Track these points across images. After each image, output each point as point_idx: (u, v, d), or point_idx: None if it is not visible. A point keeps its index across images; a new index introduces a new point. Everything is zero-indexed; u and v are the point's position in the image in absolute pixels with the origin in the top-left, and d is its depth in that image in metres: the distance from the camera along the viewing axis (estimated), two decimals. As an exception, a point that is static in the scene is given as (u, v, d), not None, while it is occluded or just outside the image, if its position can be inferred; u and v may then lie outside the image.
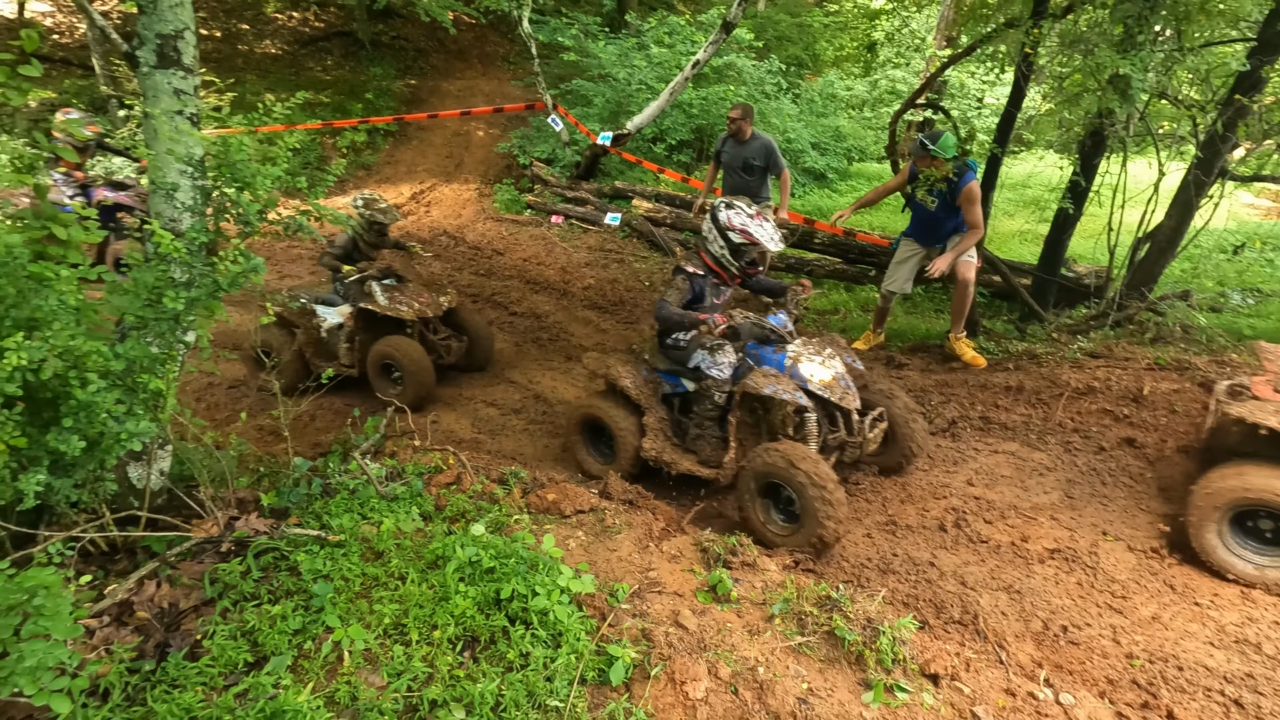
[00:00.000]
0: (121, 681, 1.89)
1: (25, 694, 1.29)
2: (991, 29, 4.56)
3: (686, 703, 1.94)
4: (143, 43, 2.75)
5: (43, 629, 1.34)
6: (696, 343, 3.68)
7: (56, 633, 1.35)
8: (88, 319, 2.22)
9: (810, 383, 3.41)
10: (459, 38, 14.85)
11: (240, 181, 2.25)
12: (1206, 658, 2.50)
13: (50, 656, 1.34)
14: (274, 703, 1.82)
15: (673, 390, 3.86)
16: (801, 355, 3.51)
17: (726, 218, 3.58)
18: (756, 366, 3.54)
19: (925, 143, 4.28)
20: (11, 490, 1.90)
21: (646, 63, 10.32)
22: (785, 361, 3.50)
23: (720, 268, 3.67)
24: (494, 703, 1.88)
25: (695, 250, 3.76)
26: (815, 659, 2.18)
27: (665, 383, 3.86)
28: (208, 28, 13.96)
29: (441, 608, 2.19)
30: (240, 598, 2.25)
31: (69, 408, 2.00)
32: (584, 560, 2.54)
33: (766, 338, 3.65)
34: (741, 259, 3.65)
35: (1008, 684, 2.18)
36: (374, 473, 2.93)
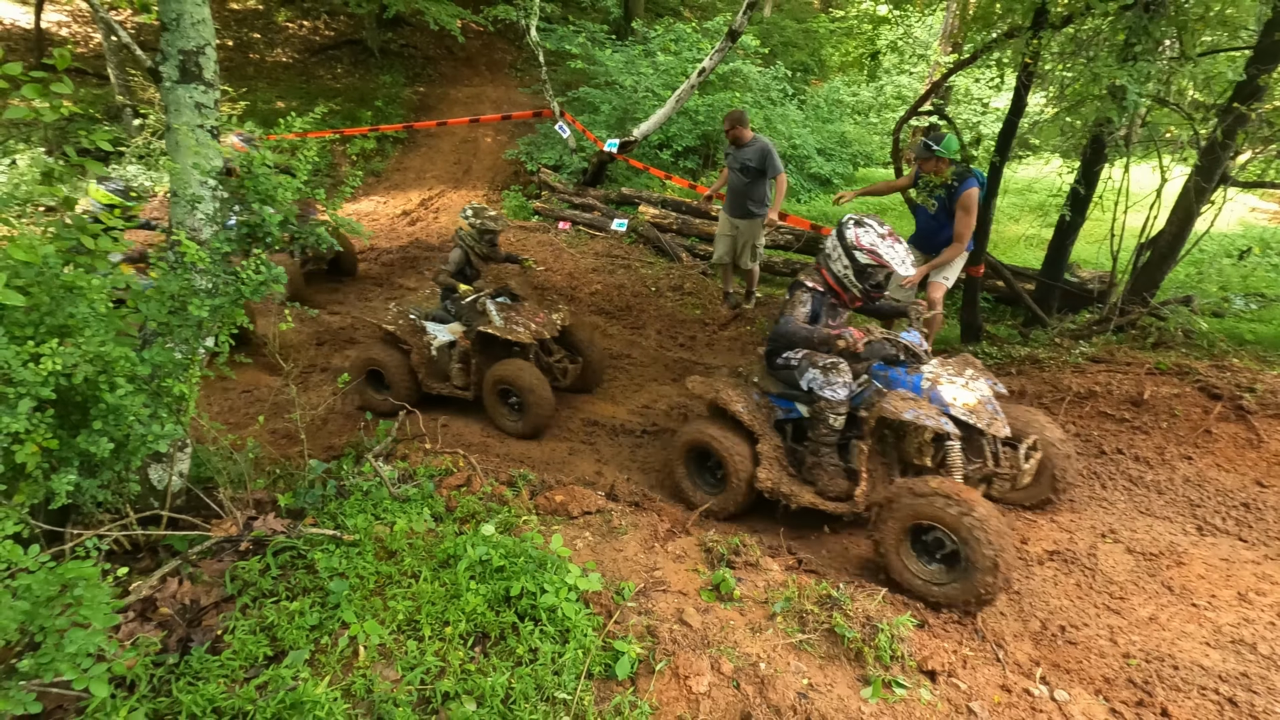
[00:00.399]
0: (147, 674, 1.97)
1: (66, 678, 1.37)
2: (993, 38, 4.62)
3: (690, 697, 2.01)
4: (166, 58, 2.85)
5: (83, 618, 1.43)
6: (808, 361, 3.40)
7: (96, 621, 1.43)
8: (114, 325, 2.32)
9: (953, 407, 3.06)
10: (467, 45, 15.01)
11: (262, 194, 2.34)
12: (1202, 657, 2.54)
13: (90, 643, 1.43)
14: (294, 694, 1.89)
15: (785, 415, 3.56)
16: (940, 376, 3.18)
17: (854, 235, 3.29)
18: (886, 388, 3.23)
19: (929, 144, 4.35)
20: (44, 489, 1.98)
21: (653, 70, 10.42)
22: (922, 383, 3.17)
23: (841, 288, 3.40)
24: (504, 695, 1.95)
25: (815, 266, 3.49)
26: (816, 656, 2.24)
27: (777, 407, 3.57)
28: (220, 37, 14.15)
29: (453, 605, 2.26)
30: (259, 594, 2.33)
31: (98, 411, 2.09)
32: (591, 560, 2.61)
33: (895, 357, 3.35)
34: (866, 281, 3.35)
35: (1004, 681, 2.24)
36: (386, 475, 3.01)
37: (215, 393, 5.17)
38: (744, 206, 6.14)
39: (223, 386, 5.22)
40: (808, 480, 3.39)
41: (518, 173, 11.23)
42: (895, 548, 2.80)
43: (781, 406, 3.57)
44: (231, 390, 5.23)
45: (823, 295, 3.43)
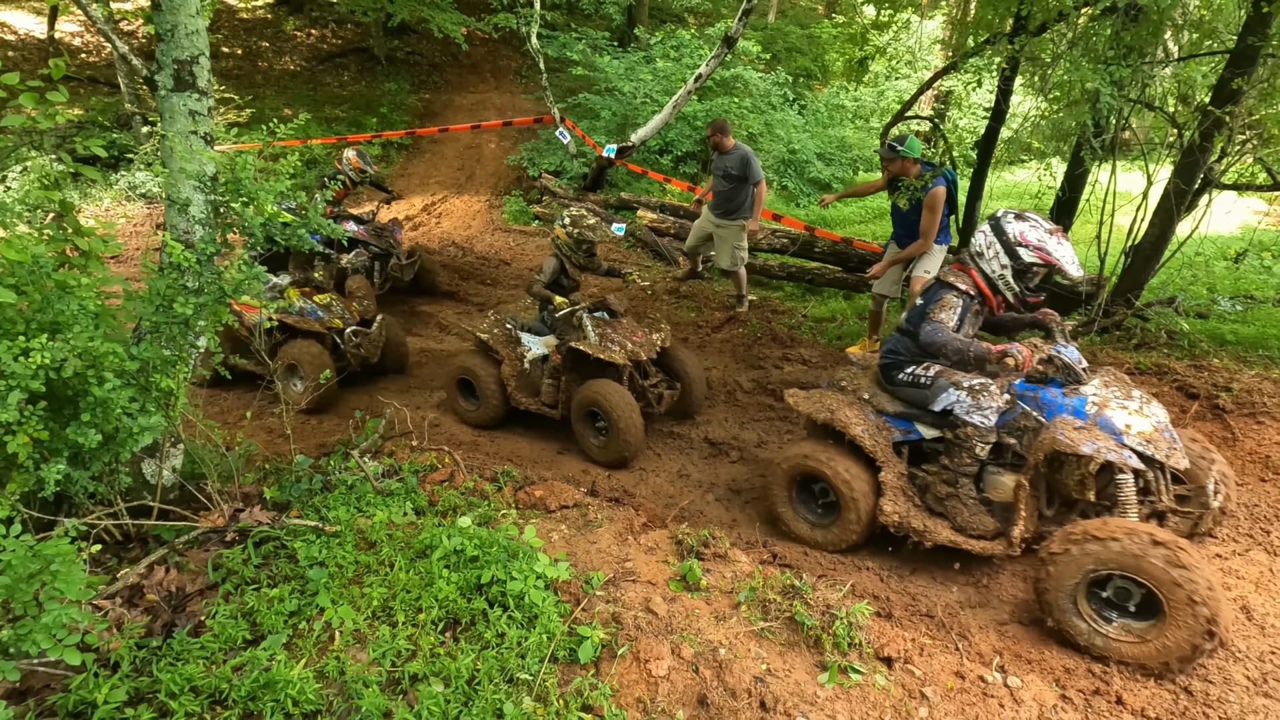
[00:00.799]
0: (130, 655, 2.06)
1: (43, 647, 1.47)
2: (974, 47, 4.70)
3: (649, 679, 2.08)
4: (161, 67, 2.97)
5: (58, 592, 1.52)
6: (947, 380, 2.99)
7: (70, 594, 1.52)
8: (106, 323, 2.42)
9: (1127, 435, 2.69)
10: (472, 53, 15.19)
11: (245, 196, 2.44)
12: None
13: (65, 616, 1.52)
14: (267, 674, 1.98)
15: (904, 438, 3.19)
16: (1109, 400, 2.79)
17: (1017, 231, 2.94)
18: (1038, 412, 2.87)
19: (893, 145, 4.47)
20: (34, 478, 2.08)
21: (652, 76, 10.54)
22: (1086, 407, 2.79)
23: (991, 291, 3.05)
24: (469, 676, 2.03)
25: (962, 267, 3.12)
26: (776, 643, 2.31)
27: (894, 428, 3.20)
28: (229, 45, 14.41)
29: (427, 592, 2.35)
30: (241, 582, 2.42)
31: (87, 404, 2.19)
32: (565, 551, 2.69)
33: (1043, 376, 2.95)
34: (1025, 283, 3.01)
35: (959, 668, 2.30)
36: (371, 470, 3.10)
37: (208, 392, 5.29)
38: (725, 209, 6.34)
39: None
40: (939, 514, 3.00)
41: (520, 178, 11.35)
42: (1073, 598, 2.47)
43: (899, 427, 3.20)
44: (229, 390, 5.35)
45: (971, 300, 3.05)
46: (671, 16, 17.01)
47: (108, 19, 9.11)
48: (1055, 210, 5.48)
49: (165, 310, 2.37)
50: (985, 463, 2.99)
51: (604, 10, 14.08)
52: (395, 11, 11.92)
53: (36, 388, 2.01)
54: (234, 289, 2.41)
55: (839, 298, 7.35)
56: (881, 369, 3.30)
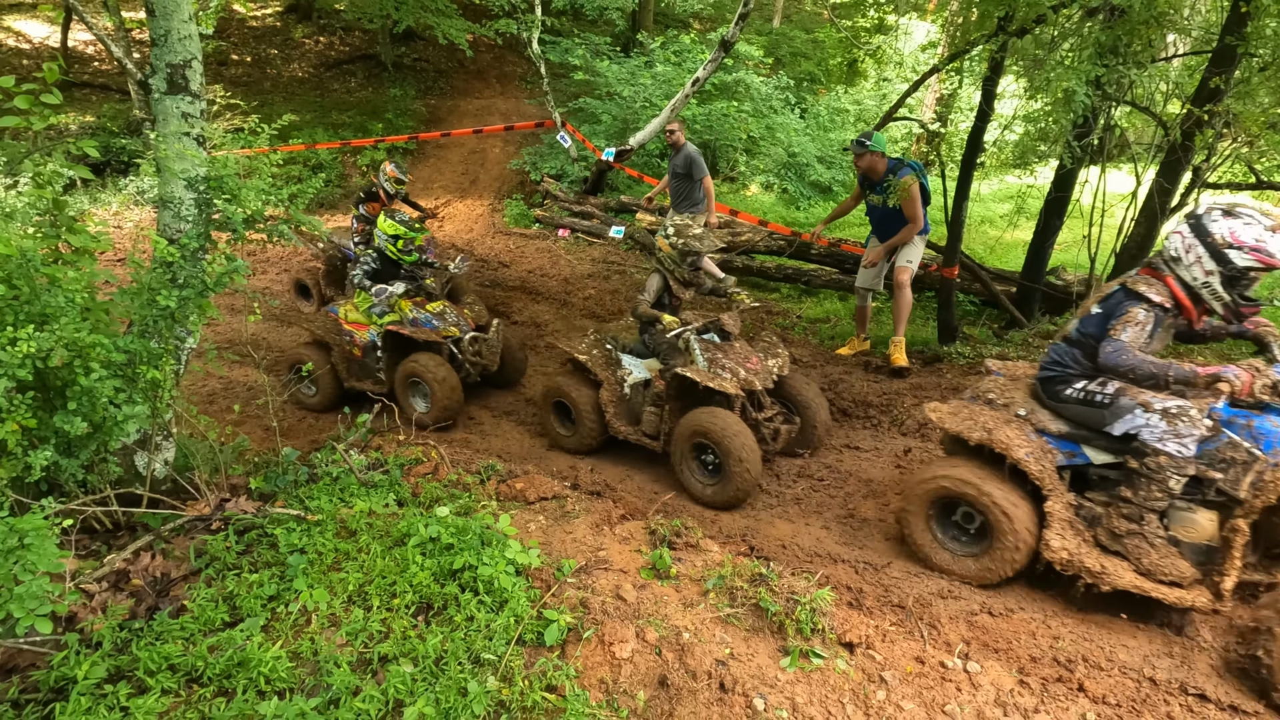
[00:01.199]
0: (113, 635, 2.14)
1: (15, 615, 1.54)
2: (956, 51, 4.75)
3: (613, 661, 2.13)
4: (155, 71, 3.07)
5: (31, 564, 1.59)
6: (1133, 400, 2.61)
7: (41, 565, 1.59)
8: (96, 317, 2.51)
9: None
10: (478, 58, 15.34)
11: (228, 194, 2.52)
12: (1129, 639, 2.61)
13: (38, 587, 1.59)
14: (242, 653, 2.05)
15: (1068, 462, 2.84)
16: None
17: (1226, 231, 2.53)
18: (1258, 444, 2.48)
19: (862, 140, 4.58)
20: (21, 464, 2.17)
21: (652, 81, 10.62)
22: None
23: (1192, 301, 2.65)
24: (436, 657, 2.09)
25: (1155, 273, 2.71)
26: (741, 629, 2.35)
27: (1056, 451, 2.84)
28: (239, 53, 14.63)
29: (401, 578, 2.41)
30: (223, 567, 2.50)
31: (74, 393, 2.28)
32: (540, 540, 2.75)
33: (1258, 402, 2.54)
34: (1238, 291, 2.58)
35: (921, 654, 2.33)
36: (355, 463, 3.17)
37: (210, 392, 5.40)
38: (677, 205, 6.74)
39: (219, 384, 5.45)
40: (1115, 552, 2.67)
41: (523, 182, 11.46)
42: None
43: (1063, 450, 2.84)
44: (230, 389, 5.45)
45: (1165, 313, 2.66)
46: (676, 21, 17.12)
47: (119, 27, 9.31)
48: (1045, 211, 5.50)
49: (150, 304, 2.45)
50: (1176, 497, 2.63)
51: (607, 16, 14.20)
52: (401, 18, 12.07)
53: (24, 376, 2.09)
54: (215, 283, 2.49)
55: (834, 299, 7.39)
56: (1043, 382, 2.94)
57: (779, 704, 2.05)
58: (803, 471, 4.05)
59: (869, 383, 4.99)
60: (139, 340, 2.48)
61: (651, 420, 4.07)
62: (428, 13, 12.39)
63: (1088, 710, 2.16)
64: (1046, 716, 2.12)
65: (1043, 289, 5.81)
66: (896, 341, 5.22)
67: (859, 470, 4.08)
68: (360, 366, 5.21)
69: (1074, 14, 3.70)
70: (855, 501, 3.77)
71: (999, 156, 12.68)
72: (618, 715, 2.00)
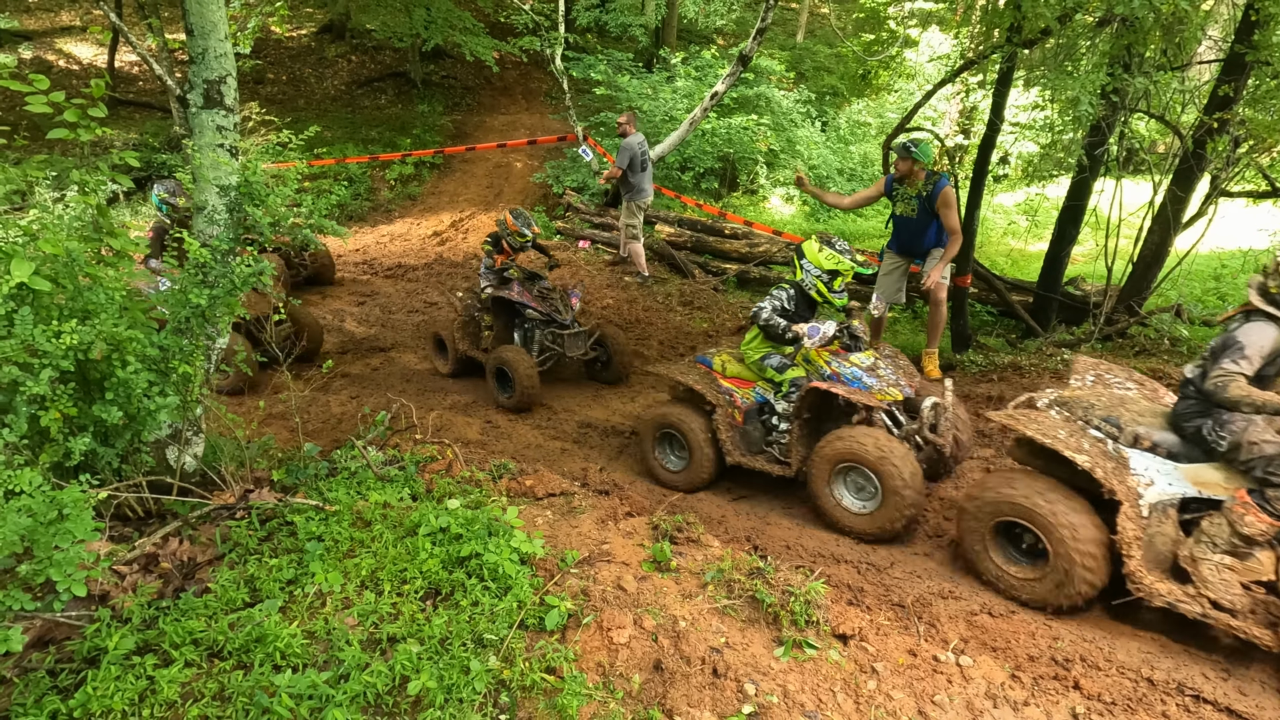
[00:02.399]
0: (141, 612, 2.27)
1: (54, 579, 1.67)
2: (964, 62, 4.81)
3: (610, 646, 2.21)
4: (192, 87, 3.26)
5: (69, 532, 1.73)
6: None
7: (78, 533, 1.73)
8: (133, 314, 2.67)
9: None
10: (504, 75, 15.69)
11: (257, 199, 2.68)
12: (1130, 641, 2.62)
13: (75, 555, 1.72)
14: (260, 629, 2.17)
15: None
16: None
17: None
18: None
19: (909, 146, 4.58)
20: (62, 449, 2.32)
21: (673, 95, 10.79)
22: None
23: None
24: (442, 637, 2.19)
25: None
26: (738, 620, 2.42)
27: None
28: (274, 72, 15.15)
29: (412, 565, 2.52)
30: (245, 553, 2.63)
31: (111, 384, 2.43)
32: (546, 533, 2.84)
33: None
34: None
35: (914, 647, 2.37)
36: (373, 459, 3.30)
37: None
38: (627, 194, 8.02)
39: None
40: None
41: (546, 195, 11.68)
42: None
43: None
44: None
45: None
46: (699, 38, 17.32)
47: (160, 47, 9.73)
48: (1061, 220, 5.50)
49: (184, 302, 2.61)
50: None
51: (630, 33, 14.45)
52: (430, 37, 12.42)
53: (66, 366, 2.25)
54: (243, 283, 2.65)
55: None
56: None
57: (770, 690, 2.11)
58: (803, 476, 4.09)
59: (880, 390, 5.01)
60: (172, 337, 2.64)
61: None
62: (455, 31, 12.74)
63: (1078, 704, 2.18)
64: (1036, 709, 2.15)
65: (1059, 299, 5.80)
66: (930, 353, 5.23)
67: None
68: (744, 437, 4.02)
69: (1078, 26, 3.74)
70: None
71: (1023, 168, 12.62)
72: (613, 696, 2.07)
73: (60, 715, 1.92)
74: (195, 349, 2.76)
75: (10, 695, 1.98)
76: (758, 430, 3.98)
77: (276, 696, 1.93)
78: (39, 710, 1.90)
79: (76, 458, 2.31)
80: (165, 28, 11.55)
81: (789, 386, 3.85)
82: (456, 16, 12.99)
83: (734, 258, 8.79)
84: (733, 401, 4.00)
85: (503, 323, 5.82)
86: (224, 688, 2.03)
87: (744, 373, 4.06)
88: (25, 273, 2.11)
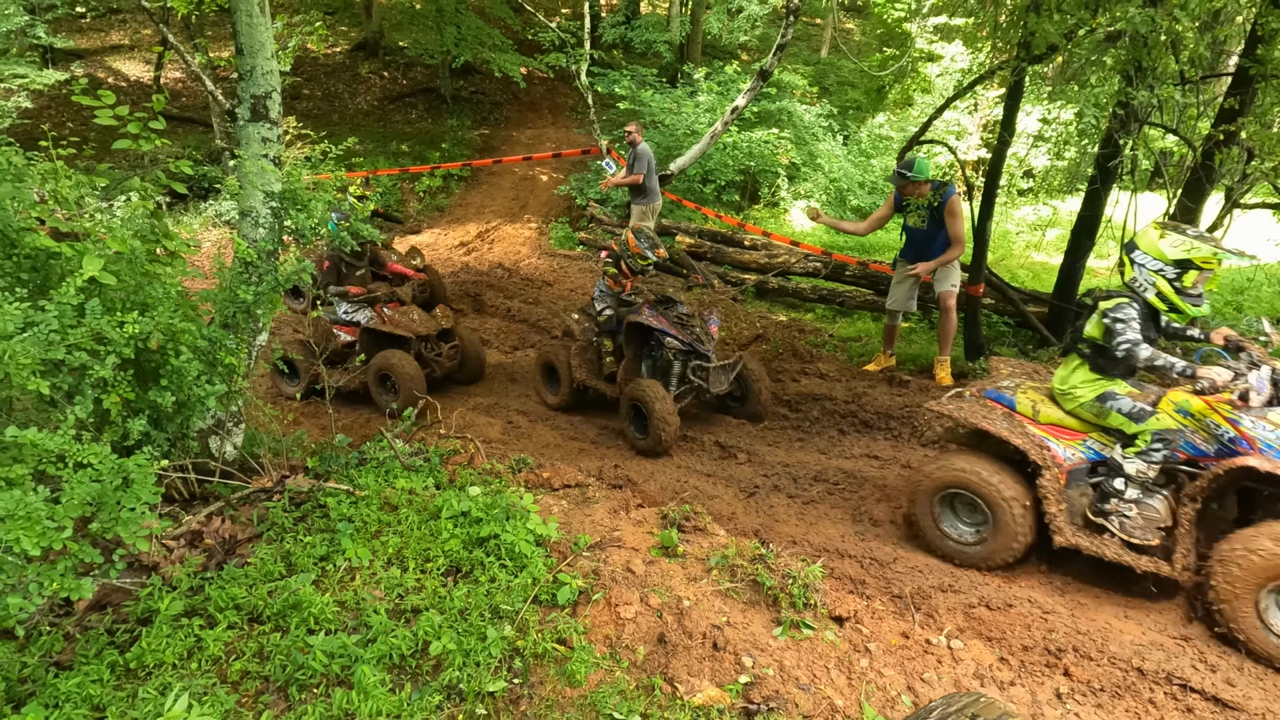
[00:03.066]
0: (189, 580, 2.48)
1: (120, 534, 1.88)
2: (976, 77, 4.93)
3: (618, 621, 2.36)
4: (241, 102, 3.51)
5: (135, 495, 1.93)
6: None
7: (143, 495, 1.93)
8: (185, 309, 2.91)
9: None
10: (531, 90, 16.07)
11: (299, 204, 2.91)
12: (1119, 634, 2.70)
13: (140, 514, 1.93)
14: (295, 597, 2.36)
15: None
16: None
17: None
18: None
19: (903, 171, 4.72)
20: (121, 430, 2.54)
21: (695, 109, 11.01)
22: None
23: None
24: (461, 608, 2.36)
25: None
26: (740, 601, 2.55)
27: None
28: (309, 88, 15.69)
29: (434, 544, 2.70)
30: (281, 531, 2.83)
31: (166, 372, 2.66)
32: (561, 521, 3.00)
33: None
34: None
35: (907, 630, 2.49)
36: (400, 449, 3.50)
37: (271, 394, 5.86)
38: (630, 193, 8.62)
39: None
40: None
41: (570, 207, 11.94)
42: None
43: None
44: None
45: None
46: (724, 53, 17.58)
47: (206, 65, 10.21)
48: (1075, 231, 5.57)
49: (231, 299, 2.84)
50: None
51: (655, 49, 14.74)
52: (458, 53, 12.82)
53: (128, 354, 2.48)
54: (285, 280, 2.87)
55: (868, 319, 7.51)
56: None
57: (767, 664, 2.24)
58: (819, 476, 4.21)
59: (891, 396, 5.11)
60: (220, 330, 2.86)
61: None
62: (485, 48, 13.14)
63: (1062, 685, 2.28)
64: (1022, 689, 2.25)
65: (1075, 309, 5.84)
66: (941, 361, 5.33)
67: (876, 477, 4.22)
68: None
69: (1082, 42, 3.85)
70: (869, 505, 3.91)
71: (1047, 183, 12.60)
72: (619, 665, 2.22)
73: (118, 666, 2.12)
74: (241, 343, 2.98)
75: (74, 649, 2.19)
76: (1088, 497, 3.10)
77: (311, 654, 2.11)
78: (99, 661, 2.11)
79: (134, 438, 2.52)
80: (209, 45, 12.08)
81: (1150, 441, 2.93)
82: (486, 34, 13.40)
83: (753, 268, 8.93)
84: (1053, 459, 3.07)
85: (633, 351, 5.14)
86: (263, 647, 2.22)
87: (1069, 420, 3.18)
88: (95, 268, 2.34)
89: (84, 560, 1.87)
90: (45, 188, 2.92)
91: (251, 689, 2.10)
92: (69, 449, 1.97)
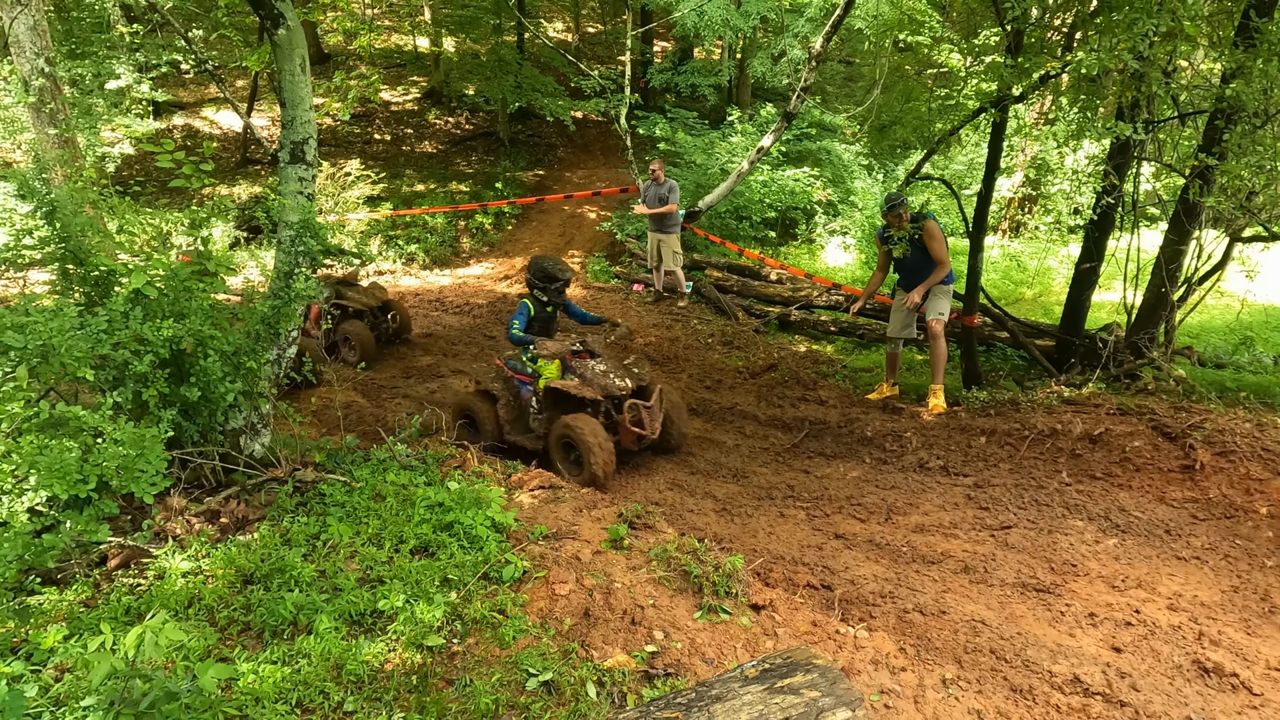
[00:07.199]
0: (200, 547, 2.92)
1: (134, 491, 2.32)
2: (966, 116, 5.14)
3: (553, 597, 2.66)
4: (282, 147, 4.09)
5: (147, 459, 2.38)
6: None
7: (152, 460, 2.37)
8: (218, 319, 3.42)
9: None
10: (584, 133, 16.91)
11: (313, 233, 3.41)
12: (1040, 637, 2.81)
13: (151, 475, 2.38)
14: (282, 562, 2.76)
15: None
16: None
17: None
18: None
19: (895, 206, 4.97)
20: (155, 418, 3.04)
21: (729, 150, 11.43)
22: None
23: None
24: (416, 578, 2.70)
25: None
26: (670, 588, 2.81)
27: None
28: (380, 133, 16.94)
29: (408, 528, 3.07)
30: (283, 512, 3.26)
31: (195, 371, 3.15)
32: (528, 516, 3.33)
33: None
34: None
35: (819, 620, 2.68)
36: (399, 451, 3.92)
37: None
38: (661, 226, 9.27)
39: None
40: None
41: (611, 242, 12.49)
42: None
43: None
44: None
45: None
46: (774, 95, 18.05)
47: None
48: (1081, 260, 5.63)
49: (252, 311, 3.34)
50: None
51: (700, 92, 15.33)
52: (512, 99, 13.73)
53: (164, 354, 2.98)
54: (296, 296, 3.36)
55: (881, 351, 7.63)
56: None
57: (679, 639, 2.49)
58: (799, 494, 4.40)
59: (882, 422, 5.25)
60: (243, 339, 3.36)
61: None
62: (539, 95, 14.03)
63: (949, 673, 2.43)
64: (910, 675, 2.42)
65: (1080, 343, 5.85)
66: (935, 389, 5.47)
67: (854, 496, 4.38)
68: None
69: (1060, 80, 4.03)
70: (838, 521, 4.07)
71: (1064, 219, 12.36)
72: (545, 634, 2.51)
73: (131, 610, 2.55)
74: (261, 350, 3.47)
75: (99, 598, 2.65)
76: None
77: (282, 605, 2.49)
78: (119, 605, 2.55)
79: (165, 427, 3.01)
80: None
81: None
82: (540, 82, 14.31)
83: (777, 301, 9.16)
84: None
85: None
86: (249, 601, 2.62)
87: None
88: (139, 282, 2.87)
89: (105, 512, 2.32)
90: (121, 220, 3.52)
91: (234, 632, 2.50)
92: (105, 426, 2.44)
